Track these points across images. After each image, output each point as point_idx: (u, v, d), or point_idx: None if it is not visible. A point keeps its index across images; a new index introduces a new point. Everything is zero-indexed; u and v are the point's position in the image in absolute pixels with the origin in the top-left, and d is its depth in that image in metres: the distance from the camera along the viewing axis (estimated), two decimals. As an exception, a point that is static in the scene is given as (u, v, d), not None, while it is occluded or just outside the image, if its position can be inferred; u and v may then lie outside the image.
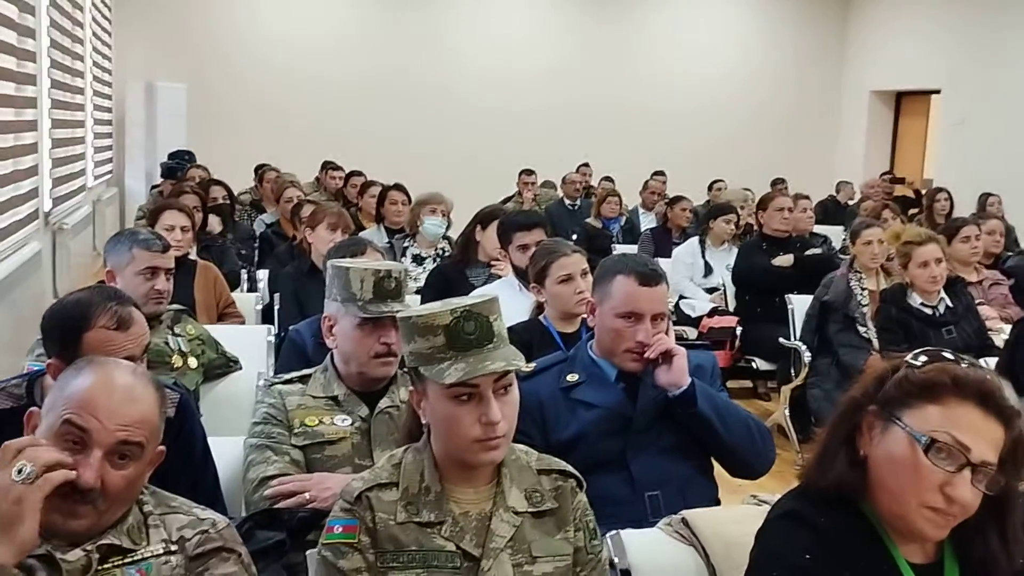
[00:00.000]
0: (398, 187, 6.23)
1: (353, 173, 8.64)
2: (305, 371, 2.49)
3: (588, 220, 8.23)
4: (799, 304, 5.31)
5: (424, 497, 1.71)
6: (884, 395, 1.55)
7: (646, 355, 2.44)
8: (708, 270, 6.49)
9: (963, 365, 1.53)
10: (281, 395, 2.40)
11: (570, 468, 1.84)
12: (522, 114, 12.15)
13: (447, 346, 1.67)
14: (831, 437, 1.61)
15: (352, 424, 2.36)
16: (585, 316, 2.78)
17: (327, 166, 9.39)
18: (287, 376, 2.48)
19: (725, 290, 6.30)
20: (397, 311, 2.16)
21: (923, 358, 1.55)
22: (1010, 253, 6.41)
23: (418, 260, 5.38)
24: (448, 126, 11.89)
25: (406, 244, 5.47)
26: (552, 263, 3.20)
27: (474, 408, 1.67)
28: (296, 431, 2.34)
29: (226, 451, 2.39)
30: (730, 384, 6.20)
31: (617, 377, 2.52)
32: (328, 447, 2.33)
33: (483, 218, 4.59)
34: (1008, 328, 4.20)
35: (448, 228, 5.62)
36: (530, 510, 1.74)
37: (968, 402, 1.49)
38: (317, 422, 2.35)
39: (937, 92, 12.14)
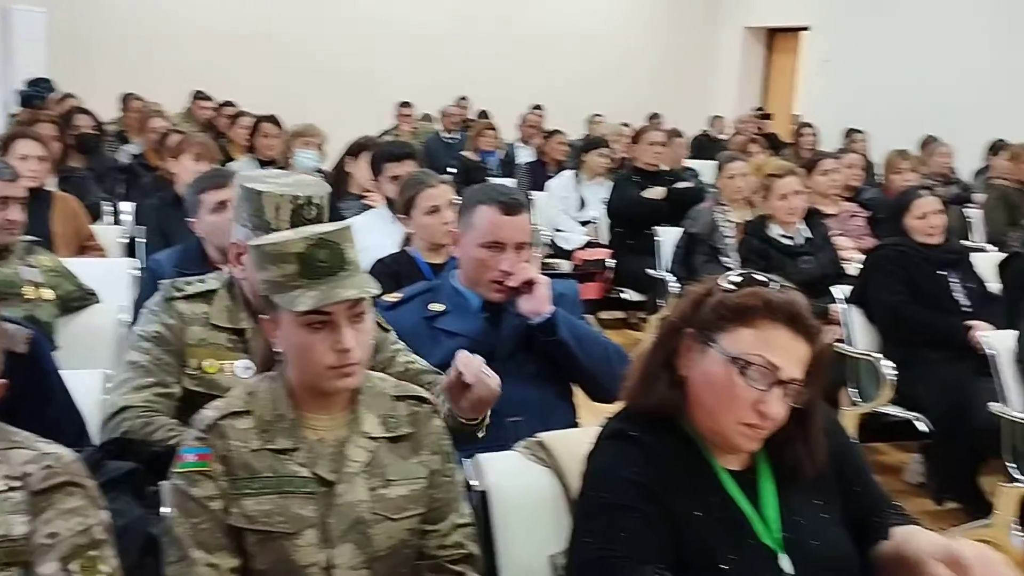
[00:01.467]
0: (270, 119, 6.09)
1: (225, 104, 8.41)
2: (210, 281, 2.24)
3: (465, 153, 8.20)
4: (667, 236, 5.44)
5: (278, 424, 1.71)
6: (700, 318, 1.62)
7: (509, 284, 2.48)
8: (582, 203, 6.57)
9: (773, 287, 1.60)
10: (182, 319, 2.18)
11: (426, 394, 1.87)
12: (399, 48, 11.95)
13: (300, 274, 1.67)
14: (651, 359, 1.68)
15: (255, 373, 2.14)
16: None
17: (198, 96, 9.11)
18: (190, 290, 2.22)
19: (599, 223, 6.40)
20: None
21: (735, 280, 1.63)
22: (868, 187, 6.67)
23: (290, 193, 5.30)
24: (323, 60, 11.62)
25: (277, 177, 5.37)
26: (419, 194, 3.20)
27: (327, 336, 1.67)
28: (190, 371, 2.17)
29: (82, 384, 2.33)
30: (602, 315, 6.34)
31: (481, 307, 2.55)
32: None
33: (354, 149, 4.55)
34: (862, 258, 4.39)
35: (322, 161, 5.55)
36: (386, 435, 1.77)
37: (778, 324, 1.57)
38: (217, 369, 2.17)
39: (807, 29, 12.45)
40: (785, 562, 1.60)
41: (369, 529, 1.70)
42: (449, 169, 7.30)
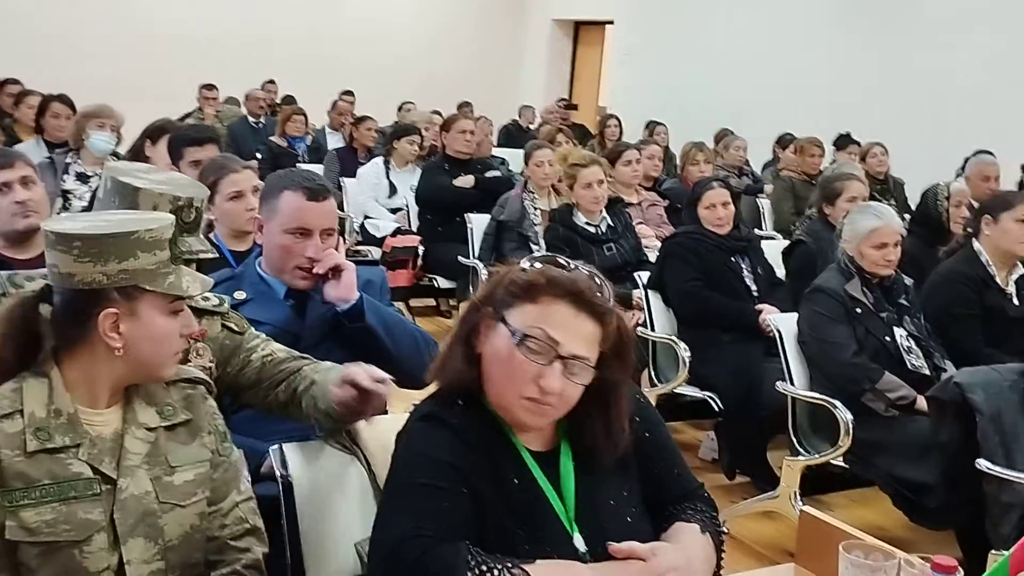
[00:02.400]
0: (61, 98, 5.77)
1: (8, 81, 7.89)
2: None
3: (272, 138, 8.03)
4: (478, 223, 5.50)
5: (55, 420, 1.61)
6: (495, 297, 1.66)
7: (315, 270, 2.45)
8: (392, 190, 6.55)
9: (567, 269, 1.65)
10: None
11: (199, 374, 1.83)
12: (206, 31, 11.54)
13: (171, 260, 1.65)
14: (453, 338, 1.71)
15: None
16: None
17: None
18: None
19: (408, 210, 6.40)
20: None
21: (534, 264, 1.67)
22: (667, 177, 6.95)
23: (83, 178, 5.02)
24: (124, 38, 11.09)
25: (69, 160, 5.08)
26: (221, 179, 3.11)
27: (181, 320, 1.69)
28: None
29: None
30: (413, 302, 6.35)
31: (286, 294, 2.51)
32: None
33: (153, 132, 4.36)
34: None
35: (118, 144, 5.29)
36: (163, 424, 1.72)
37: (560, 300, 1.62)
38: None
39: (611, 23, 12.81)
40: (579, 541, 1.64)
41: (159, 520, 1.65)
42: (257, 155, 7.12)
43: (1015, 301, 3.70)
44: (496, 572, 1.51)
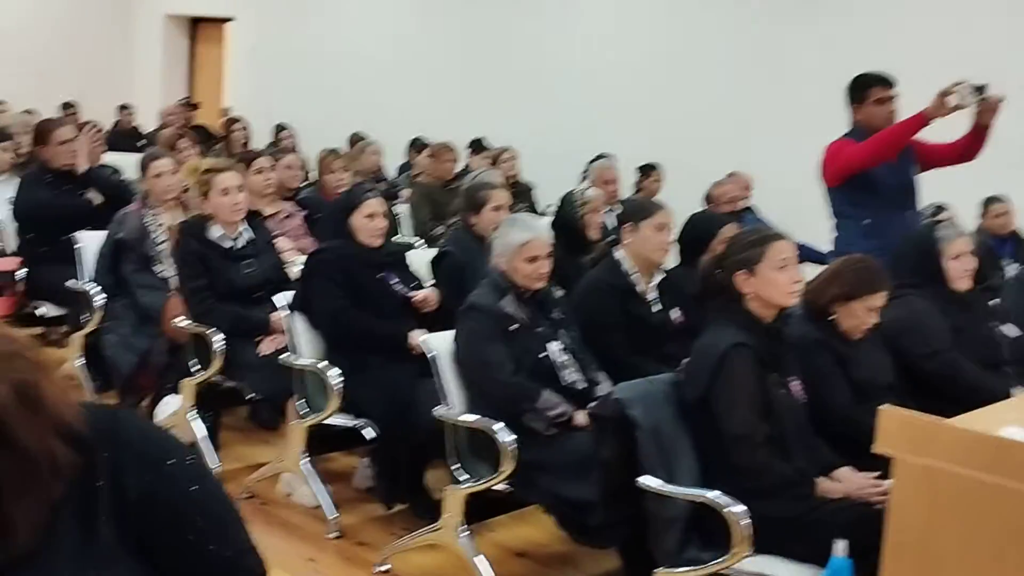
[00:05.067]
0: None
1: None
2: None
3: None
4: (89, 242, 4.85)
5: None
6: None
7: None
8: (-16, 205, 5.67)
9: None
10: None
11: None
12: None
13: None
14: None
15: None
16: None
17: None
18: None
19: (5, 228, 5.55)
20: None
21: None
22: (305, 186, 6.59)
23: None
24: None
25: None
26: None
27: None
28: None
29: None
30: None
31: None
32: None
33: None
34: (303, 259, 4.24)
35: None
36: None
37: None
38: None
39: (231, 20, 12.19)
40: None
41: None
42: None
43: (655, 308, 3.77)
44: None
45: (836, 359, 3.24)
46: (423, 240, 6.24)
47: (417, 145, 8.29)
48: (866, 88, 4.38)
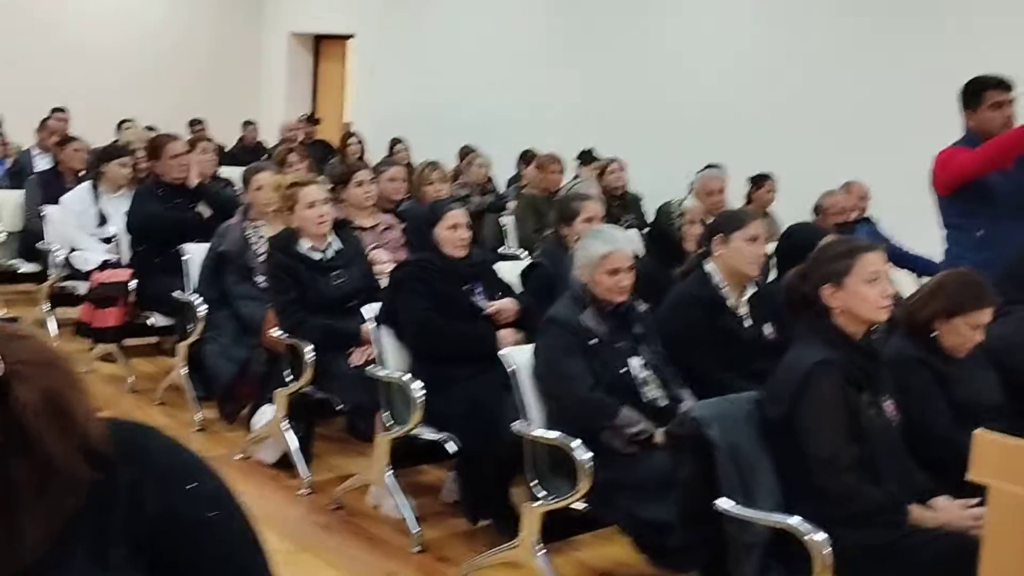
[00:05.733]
0: None
1: None
2: None
3: (-37, 162, 7.14)
4: (195, 254, 4.98)
5: None
6: None
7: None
8: (103, 219, 5.90)
9: None
10: None
11: None
12: None
13: None
14: None
15: None
16: None
17: None
18: None
19: (120, 241, 5.77)
20: None
21: None
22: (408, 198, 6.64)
23: None
24: None
25: None
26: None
27: None
28: None
29: None
30: (131, 342, 5.73)
31: None
32: None
33: None
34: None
35: None
36: None
37: None
38: None
39: (352, 37, 12.44)
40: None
41: None
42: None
43: (747, 323, 3.62)
44: None
45: (936, 378, 3.05)
46: (527, 251, 6.21)
47: (527, 157, 8.27)
48: (982, 91, 4.13)
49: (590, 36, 9.69)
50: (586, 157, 8.23)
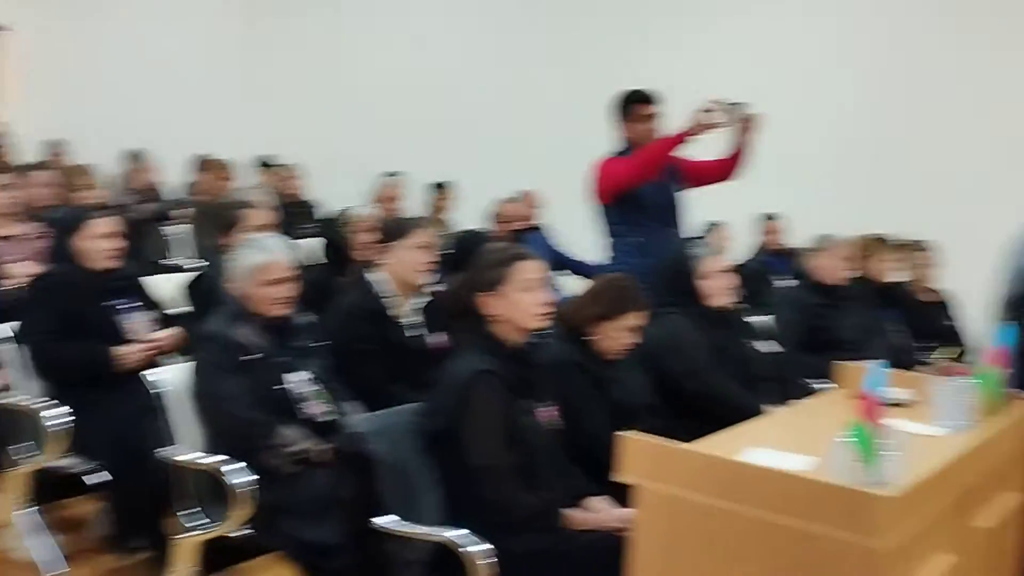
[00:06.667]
0: None
1: None
2: None
3: None
4: None
5: None
6: None
7: None
8: None
9: None
10: None
11: None
12: None
13: None
14: None
15: None
16: None
17: None
18: None
19: None
20: None
21: None
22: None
23: None
24: None
25: None
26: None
27: None
28: None
29: None
30: None
31: None
32: None
33: None
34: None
35: None
36: None
37: None
38: None
39: (7, 29, 11.34)
40: None
41: None
42: None
43: (414, 332, 3.56)
44: None
45: (594, 381, 3.14)
46: (206, 260, 5.85)
47: (198, 163, 7.86)
48: (631, 104, 4.34)
49: (271, 37, 9.42)
50: (265, 163, 7.96)
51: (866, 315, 4.77)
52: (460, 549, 2.47)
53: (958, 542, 2.50)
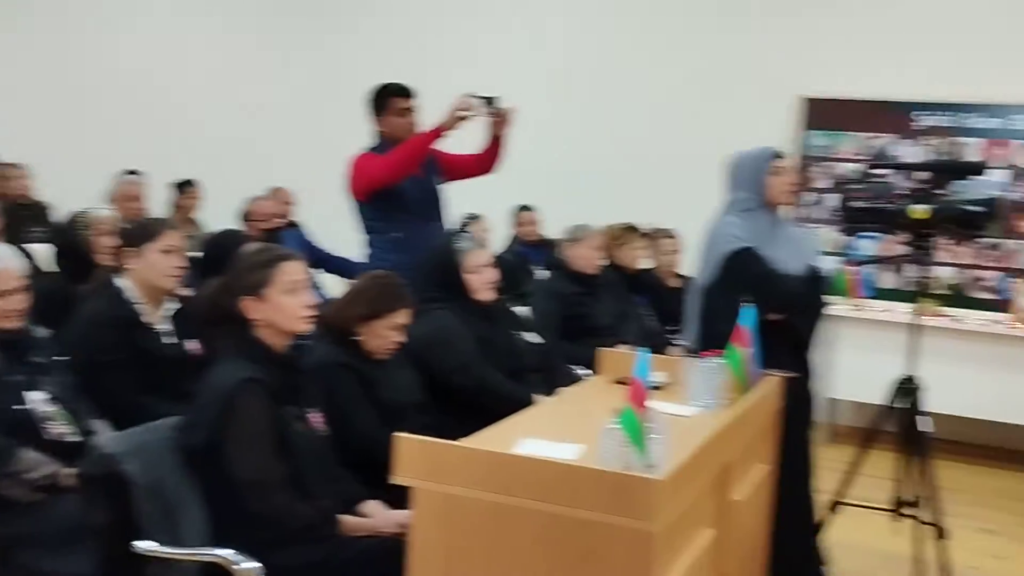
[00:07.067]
0: None
1: None
2: None
3: None
4: None
5: None
6: None
7: None
8: None
9: None
10: None
11: None
12: None
13: None
14: None
15: None
16: None
17: None
18: None
19: None
20: None
21: None
22: None
23: None
24: None
25: None
26: None
27: None
28: None
29: None
30: None
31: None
32: None
33: None
34: None
35: None
36: None
37: None
38: None
39: None
40: None
41: None
42: None
43: (168, 340, 3.36)
44: None
45: (361, 381, 3.07)
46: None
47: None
48: (387, 98, 4.29)
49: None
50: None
51: (619, 302, 4.96)
52: (232, 567, 2.35)
53: (717, 516, 2.63)
